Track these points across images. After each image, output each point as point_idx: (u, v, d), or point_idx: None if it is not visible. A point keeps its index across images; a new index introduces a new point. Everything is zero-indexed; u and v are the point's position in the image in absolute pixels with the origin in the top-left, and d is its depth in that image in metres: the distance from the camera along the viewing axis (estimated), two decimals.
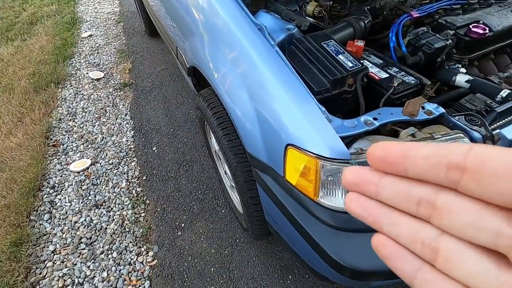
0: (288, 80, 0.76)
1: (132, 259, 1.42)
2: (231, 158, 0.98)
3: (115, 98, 2.38)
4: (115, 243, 1.48)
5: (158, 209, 1.61)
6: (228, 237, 1.47)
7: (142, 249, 1.46)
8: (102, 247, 1.47)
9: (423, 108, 0.75)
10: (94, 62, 2.81)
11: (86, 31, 3.29)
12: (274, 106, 0.77)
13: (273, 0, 1.13)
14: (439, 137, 0.69)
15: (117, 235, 1.51)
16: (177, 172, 1.80)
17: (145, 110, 2.25)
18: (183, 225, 1.54)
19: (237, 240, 1.45)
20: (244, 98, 0.85)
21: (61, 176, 1.81)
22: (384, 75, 0.87)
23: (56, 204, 1.66)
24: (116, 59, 2.84)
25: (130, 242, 1.49)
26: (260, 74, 0.80)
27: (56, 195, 1.71)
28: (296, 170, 0.74)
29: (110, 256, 1.43)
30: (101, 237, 1.52)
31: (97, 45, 3.07)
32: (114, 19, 3.58)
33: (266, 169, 0.83)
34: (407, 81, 0.84)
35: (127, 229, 1.54)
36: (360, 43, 0.93)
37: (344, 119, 0.74)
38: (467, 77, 0.87)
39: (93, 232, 1.53)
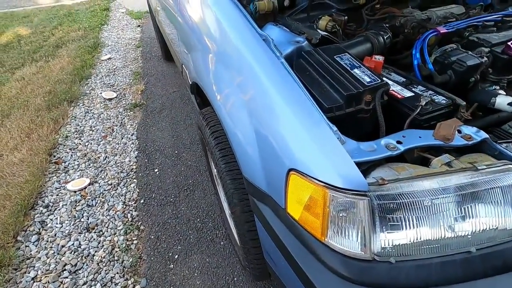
0: (293, 95, 0.65)
1: None
2: (228, 184, 0.86)
3: (124, 118, 2.36)
4: (100, 273, 1.34)
5: (152, 237, 1.47)
6: (225, 275, 1.29)
7: (129, 281, 1.30)
8: (87, 276, 1.33)
9: (459, 132, 0.61)
10: (109, 83, 2.85)
11: (106, 54, 3.40)
12: (275, 124, 0.65)
13: (283, 15, 1.06)
14: (484, 168, 0.54)
15: (104, 264, 1.37)
16: (177, 197, 1.67)
17: (152, 131, 2.19)
18: (176, 256, 1.38)
19: (235, 279, 1.27)
20: (243, 117, 0.74)
21: (57, 195, 1.72)
22: (408, 93, 0.74)
23: (46, 224, 1.56)
24: (131, 80, 2.88)
25: (117, 272, 1.34)
26: (261, 88, 0.70)
27: (48, 215, 1.61)
28: (300, 202, 0.60)
29: None
30: (87, 264, 1.38)
31: (114, 67, 3.15)
32: (134, 44, 3.71)
33: (264, 198, 0.70)
34: (436, 100, 0.71)
35: (116, 258, 1.40)
36: (379, 59, 0.81)
37: (360, 142, 0.61)
38: (510, 99, 0.73)
39: (79, 259, 1.40)
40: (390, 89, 0.74)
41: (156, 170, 1.86)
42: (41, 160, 1.90)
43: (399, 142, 0.60)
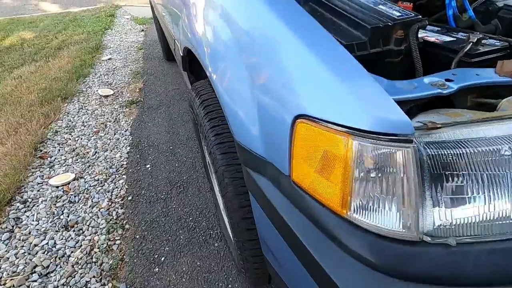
0: (300, 21, 0.49)
1: None
2: (218, 160, 0.69)
3: (119, 115, 2.22)
4: (74, 277, 1.15)
5: (137, 237, 1.29)
6: (218, 281, 1.10)
7: (106, 287, 1.11)
8: (58, 280, 1.14)
9: None
10: (107, 82, 2.75)
11: (107, 55, 3.33)
12: (277, 59, 0.49)
13: None
14: None
15: (80, 266, 1.19)
16: (168, 194, 1.50)
17: (147, 127, 2.05)
18: (163, 259, 1.19)
19: (229, 286, 1.08)
20: (235, 56, 0.58)
21: (38, 191, 1.56)
22: (448, 38, 0.58)
23: (21, 222, 1.39)
24: (130, 79, 2.77)
25: (94, 276, 1.15)
26: (258, 15, 0.54)
27: (25, 211, 1.44)
28: (310, 163, 0.43)
29: None
30: (60, 267, 1.19)
31: (114, 67, 3.06)
32: (136, 46, 3.65)
33: (262, 167, 0.53)
34: (488, 43, 0.54)
35: (94, 259, 1.21)
36: (408, 4, 0.66)
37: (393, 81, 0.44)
38: None
39: (52, 260, 1.21)
40: (424, 35, 0.58)
41: (148, 166, 1.70)
42: (25, 154, 1.76)
43: (448, 80, 0.43)
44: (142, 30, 4.25)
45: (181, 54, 1.05)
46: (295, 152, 0.45)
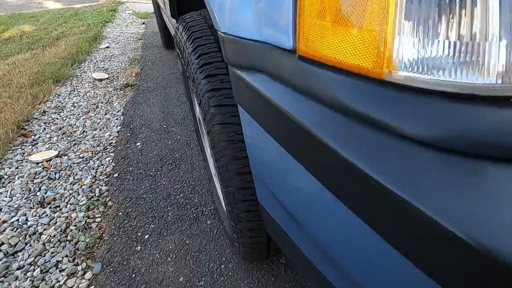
0: None
1: (58, 281, 0.92)
2: (202, 85, 0.54)
3: (112, 97, 2.10)
4: (44, 256, 1.00)
5: (120, 214, 1.14)
6: (209, 261, 0.93)
7: (79, 267, 0.95)
8: (25, 260, 0.99)
9: None
10: (103, 67, 2.63)
11: (105, 44, 3.23)
12: None
13: None
14: None
15: (52, 244, 1.03)
16: (158, 171, 1.35)
17: (141, 108, 1.91)
18: (147, 237, 1.03)
19: (222, 267, 0.91)
20: None
21: (16, 168, 1.42)
22: None
23: None
24: (127, 65, 2.66)
25: (67, 255, 0.99)
26: None
27: None
28: (324, 14, 0.28)
29: (29, 274, 0.94)
30: (30, 245, 1.04)
31: (111, 54, 2.96)
32: (136, 37, 3.56)
33: (256, 56, 0.38)
34: None
35: (69, 238, 1.06)
36: None
37: None
38: None
39: (21, 238, 1.06)
40: None
41: (138, 144, 1.55)
42: (6, 131, 1.63)
43: None
44: (143, 23, 4.17)
45: None
46: (304, 6, 0.30)
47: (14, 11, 5.56)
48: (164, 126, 1.69)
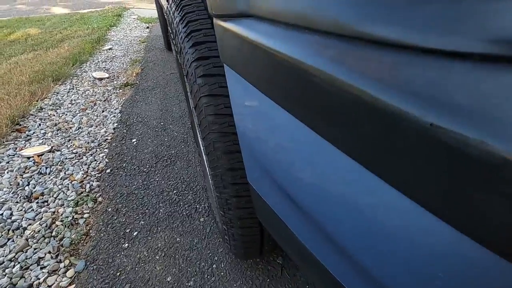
0: None
1: (38, 279, 0.85)
2: (188, 54, 0.49)
3: (111, 95, 2.07)
4: (26, 252, 0.94)
5: (109, 210, 1.08)
6: (200, 259, 0.87)
7: (62, 264, 0.89)
8: (5, 255, 0.93)
9: None
10: (104, 67, 2.62)
11: (108, 46, 3.24)
12: None
13: None
14: None
15: (35, 240, 0.98)
16: (152, 167, 1.29)
17: (138, 106, 1.87)
18: (135, 234, 0.97)
19: (214, 266, 0.84)
20: None
21: (7, 162, 1.37)
22: None
23: None
24: (128, 66, 2.65)
25: (49, 252, 0.93)
26: None
27: None
28: None
29: (7, 271, 0.88)
30: (13, 241, 0.98)
31: (113, 55, 2.95)
32: (139, 40, 3.57)
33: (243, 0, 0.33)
34: None
35: (53, 234, 1.00)
36: None
37: None
38: None
39: (3, 233, 1.01)
40: None
41: (134, 140, 1.51)
42: (0, 126, 1.59)
43: None
44: (147, 27, 4.20)
45: None
46: None
47: (22, 16, 5.65)
48: (162, 124, 1.64)
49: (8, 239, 0.99)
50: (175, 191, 1.14)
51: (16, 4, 6.96)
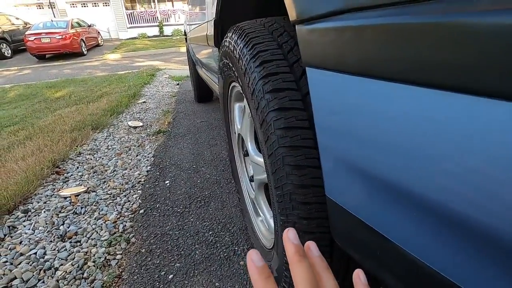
0: None
1: None
2: (260, 85, 0.50)
3: (144, 141, 2.15)
4: None
5: (143, 251, 1.02)
6: None
7: None
8: None
9: None
10: (139, 117, 2.79)
11: (142, 100, 3.50)
12: None
13: None
14: None
15: (66, 282, 0.92)
16: (186, 208, 1.26)
17: (171, 150, 1.92)
18: (170, 276, 0.90)
19: None
20: None
21: (44, 202, 1.39)
22: None
23: (16, 230, 1.19)
24: (160, 116, 2.81)
25: None
26: None
27: (23, 221, 1.25)
28: None
29: None
30: (43, 282, 0.93)
31: (147, 107, 3.16)
32: (170, 94, 3.85)
33: None
34: None
35: (85, 275, 0.94)
36: None
37: None
38: None
39: (35, 273, 0.96)
40: None
41: (167, 181, 1.51)
42: (42, 168, 1.66)
43: None
44: (178, 84, 4.56)
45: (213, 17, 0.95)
46: None
47: (68, 77, 6.36)
48: (194, 166, 1.65)
49: (39, 280, 0.94)
50: (211, 232, 1.08)
51: (64, 69, 7.90)
